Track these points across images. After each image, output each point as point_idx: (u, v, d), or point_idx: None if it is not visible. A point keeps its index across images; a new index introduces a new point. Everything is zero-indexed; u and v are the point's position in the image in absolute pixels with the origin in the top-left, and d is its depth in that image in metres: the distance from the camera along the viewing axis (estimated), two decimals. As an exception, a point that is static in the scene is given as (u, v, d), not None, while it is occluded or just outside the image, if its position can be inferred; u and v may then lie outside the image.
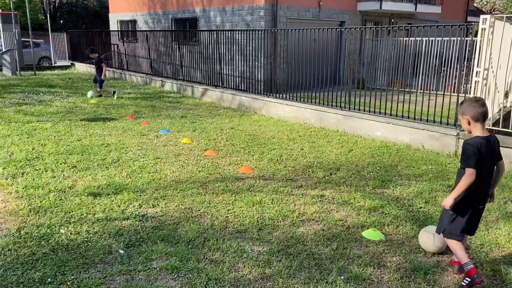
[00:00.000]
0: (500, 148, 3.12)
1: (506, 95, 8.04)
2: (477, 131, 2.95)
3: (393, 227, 3.99)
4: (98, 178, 5.27)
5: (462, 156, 2.94)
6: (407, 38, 12.37)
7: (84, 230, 3.85)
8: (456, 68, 11.95)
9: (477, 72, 5.98)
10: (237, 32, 11.16)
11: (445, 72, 11.81)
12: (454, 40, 12.20)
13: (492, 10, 36.86)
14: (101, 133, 7.67)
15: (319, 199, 4.69)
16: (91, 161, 5.97)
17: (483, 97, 6.10)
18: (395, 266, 3.32)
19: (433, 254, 3.48)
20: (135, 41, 17.10)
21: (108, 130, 7.95)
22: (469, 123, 2.97)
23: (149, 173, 5.48)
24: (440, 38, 10.85)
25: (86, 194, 4.69)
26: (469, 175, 2.86)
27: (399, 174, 5.58)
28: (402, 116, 7.25)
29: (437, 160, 6.18)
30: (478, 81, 5.99)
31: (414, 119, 7.07)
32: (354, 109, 8.09)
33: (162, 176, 5.39)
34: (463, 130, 6.34)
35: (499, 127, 6.46)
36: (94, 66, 12.62)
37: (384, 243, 3.67)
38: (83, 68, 20.14)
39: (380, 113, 7.61)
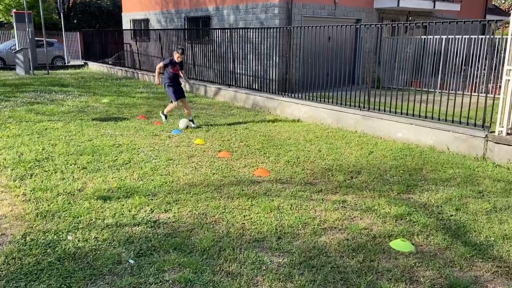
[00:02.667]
0: None
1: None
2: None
3: (423, 237, 3.68)
4: (108, 180, 5.06)
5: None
6: (425, 36, 11.98)
7: (93, 237, 3.63)
8: (478, 67, 11.52)
9: (508, 70, 5.62)
10: (250, 30, 10.91)
11: (466, 71, 11.38)
12: (474, 38, 11.77)
13: (510, 8, 35.99)
14: (113, 133, 7.49)
15: (341, 205, 4.41)
16: (101, 162, 5.78)
17: (511, 95, 5.74)
18: (429, 282, 3.02)
19: (469, 270, 3.17)
20: (148, 40, 16.96)
21: (120, 130, 7.76)
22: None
23: (161, 176, 5.25)
24: (460, 36, 10.44)
25: (95, 197, 4.48)
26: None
27: (425, 178, 5.26)
28: (425, 117, 6.90)
29: (464, 164, 5.83)
30: (510, 80, 5.63)
31: (438, 119, 6.72)
32: (374, 109, 7.77)
33: (175, 178, 5.16)
34: (492, 132, 5.99)
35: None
36: (171, 71, 8.12)
37: (414, 255, 3.37)
38: (96, 68, 20.12)
39: (401, 113, 7.27)
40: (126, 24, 20.83)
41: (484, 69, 11.72)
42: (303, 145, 6.88)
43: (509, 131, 5.81)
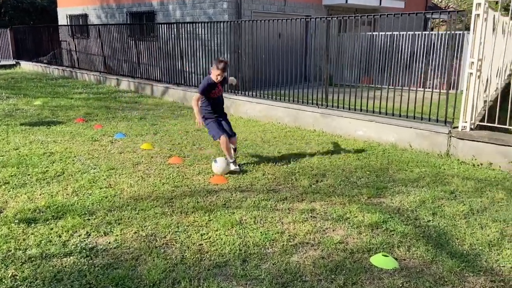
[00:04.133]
0: (497, 145, 2.99)
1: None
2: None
3: (404, 249, 3.29)
4: (35, 198, 4.25)
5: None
6: (373, 33, 11.94)
7: (9, 275, 2.87)
8: (424, 63, 11.62)
9: (471, 63, 5.44)
10: (198, 25, 10.24)
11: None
12: (418, 34, 11.88)
13: (446, 7, 37.81)
14: (44, 139, 6.55)
15: (310, 214, 3.93)
16: (28, 175, 4.92)
17: (476, 91, 5.58)
18: (422, 306, 2.61)
19: (462, 286, 2.79)
20: (87, 37, 15.71)
21: (53, 136, 6.84)
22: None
23: (100, 189, 4.51)
24: (404, 32, 10.47)
25: (17, 220, 3.69)
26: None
27: (393, 179, 4.93)
28: (386, 113, 6.64)
29: (429, 162, 5.60)
30: (472, 73, 5.45)
31: (400, 116, 6.48)
32: (332, 107, 7.42)
33: (117, 192, 4.44)
34: (455, 127, 5.80)
35: (484, 122, 5.97)
36: (212, 96, 5.20)
37: (399, 273, 2.95)
38: (29, 67, 18.43)
39: (361, 110, 6.97)
40: (62, 20, 19.28)
41: (432, 65, 11.88)
42: (261, 147, 6.37)
43: (472, 126, 5.64)
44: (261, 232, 3.53)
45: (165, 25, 11.25)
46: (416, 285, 2.80)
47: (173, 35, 10.87)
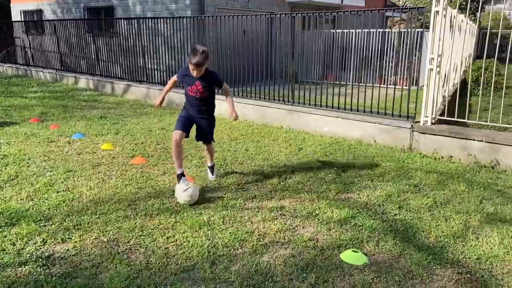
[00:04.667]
0: (457, 139, 4.19)
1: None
2: None
3: (373, 244, 3.29)
4: (-14, 204, 3.96)
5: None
6: (336, 30, 12.08)
7: (-44, 290, 2.64)
8: (385, 60, 11.88)
9: (431, 58, 5.56)
10: (160, 20, 9.97)
11: (377, 64, 11.67)
12: (379, 32, 12.13)
13: (404, 6, 38.99)
14: (-4, 141, 6.15)
15: (279, 212, 3.87)
16: (-22, 180, 4.58)
17: (436, 86, 5.72)
18: (393, 301, 2.60)
19: (430, 281, 2.81)
20: (42, 33, 14.97)
21: (6, 137, 6.43)
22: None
23: (57, 193, 4.26)
24: (365, 30, 10.66)
25: (-35, 229, 3.40)
26: None
27: (359, 174, 4.97)
28: (351, 109, 6.70)
29: (393, 156, 5.69)
30: (432, 69, 5.58)
31: (364, 112, 6.55)
32: (299, 103, 7.41)
33: (76, 195, 4.21)
34: (417, 122, 5.93)
35: (444, 117, 6.15)
36: (189, 93, 4.43)
37: (369, 268, 2.94)
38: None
39: (327, 106, 7.00)
40: (16, 16, 18.32)
41: (392, 62, 12.16)
42: (228, 145, 6.26)
43: (433, 121, 5.78)
44: (230, 233, 3.44)
45: (125, 20, 10.88)
46: (386, 280, 2.80)
47: (133, 31, 10.53)
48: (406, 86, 7.11)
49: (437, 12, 5.42)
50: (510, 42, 7.78)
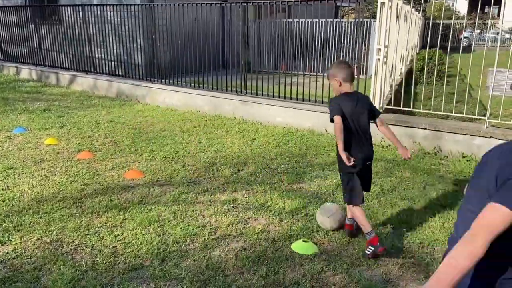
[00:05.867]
0: (403, 127, 4.46)
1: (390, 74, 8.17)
2: (346, 89, 3.04)
3: (322, 233, 3.36)
4: None
5: (331, 111, 3.01)
6: (288, 19, 12.15)
7: None
8: (336, 49, 12.12)
9: (378, 49, 5.71)
10: (108, 7, 9.54)
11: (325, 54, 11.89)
12: (329, 22, 12.34)
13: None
14: None
15: (232, 205, 3.86)
16: None
17: (383, 75, 5.89)
18: (341, 289, 2.67)
19: (376, 267, 2.91)
20: (-22, 19, 13.90)
21: None
22: (340, 84, 3.03)
23: (-3, 192, 4.00)
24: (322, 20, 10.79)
25: None
26: (336, 123, 2.94)
27: (311, 164, 5.05)
28: (303, 100, 6.77)
29: (344, 145, 5.82)
30: (379, 59, 5.74)
31: (315, 102, 6.64)
32: (251, 94, 7.39)
33: (17, 194, 3.97)
34: (366, 112, 6.09)
35: (391, 106, 6.36)
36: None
37: (319, 257, 3.01)
38: None
39: (279, 97, 7.03)
40: None
41: (343, 51, 12.42)
42: (180, 137, 6.14)
43: (381, 110, 5.96)
44: (181, 228, 3.38)
45: (70, 7, 10.32)
46: (335, 268, 2.87)
47: (79, 19, 10.02)
48: (355, 76, 7.29)
49: (383, 3, 5.56)
50: (451, 32, 8.18)
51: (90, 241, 3.15)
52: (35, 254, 2.96)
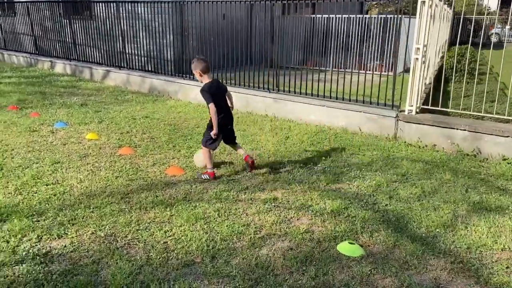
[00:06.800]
0: (440, 128, 5.29)
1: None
2: (206, 79, 4.31)
3: (367, 235, 3.39)
4: (-28, 199, 3.84)
5: (205, 98, 4.25)
6: (316, 15, 12.08)
7: (-47, 291, 2.58)
8: (364, 46, 11.98)
9: (416, 48, 5.65)
10: (139, 4, 9.70)
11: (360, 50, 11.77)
12: (359, 18, 12.20)
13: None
14: (-26, 131, 5.94)
15: (273, 204, 3.92)
16: (-40, 173, 4.43)
17: (420, 74, 5.82)
18: (391, 291, 2.70)
19: (425, 271, 2.93)
20: (13, 15, 14.33)
21: (-16, 126, 6.21)
22: (200, 75, 4.31)
23: (47, 186, 4.18)
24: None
25: (-46, 227, 3.30)
26: (212, 111, 4.23)
27: (348, 163, 5.06)
28: (337, 98, 6.77)
29: (379, 145, 5.81)
30: (418, 59, 5.68)
31: (349, 100, 6.63)
32: (284, 92, 7.42)
33: (67, 188, 4.13)
34: (401, 111, 6.06)
35: (428, 106, 6.28)
36: None
37: (366, 260, 3.04)
38: None
39: (312, 95, 7.05)
40: (-18, -5, 17.40)
41: (371, 48, 12.27)
42: (215, 134, 6.22)
43: (417, 110, 5.91)
44: (227, 226, 3.47)
45: (102, 3, 10.52)
46: (383, 271, 2.90)
47: (111, 14, 10.22)
48: (385, 72, 7.24)
49: (424, 2, 5.49)
50: (483, 28, 7.99)
51: (142, 236, 3.27)
52: (91, 248, 3.10)
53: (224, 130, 4.51)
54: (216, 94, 4.31)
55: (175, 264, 2.93)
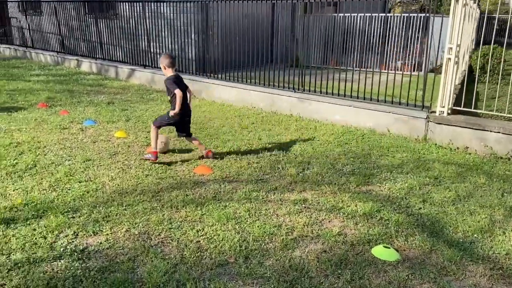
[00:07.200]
0: (473, 130, 5.27)
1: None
2: (170, 72, 4.81)
3: (402, 239, 3.32)
4: (9, 194, 3.94)
5: (171, 86, 4.69)
6: (338, 14, 11.95)
7: (-5, 285, 2.64)
8: (389, 45, 11.79)
9: (449, 48, 5.53)
10: (163, 4, 9.78)
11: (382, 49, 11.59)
12: (383, 16, 12.01)
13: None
14: (7, 127, 6.09)
15: (303, 205, 3.89)
16: (-4, 168, 4.55)
17: (452, 74, 5.68)
18: (430, 298, 2.65)
19: (464, 277, 2.85)
20: (40, 14, 14.65)
21: (16, 123, 6.36)
22: (165, 68, 4.81)
23: (80, 183, 4.25)
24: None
25: (-7, 221, 3.39)
26: (179, 95, 4.63)
27: (377, 165, 4.99)
28: (364, 98, 6.68)
29: (408, 146, 5.71)
30: (450, 58, 5.55)
31: (378, 101, 6.53)
32: (309, 91, 7.37)
33: (99, 185, 4.19)
34: (432, 112, 5.93)
35: (460, 107, 6.13)
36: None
37: (403, 264, 2.98)
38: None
39: (339, 95, 6.97)
40: (11, -5, 17.85)
41: (398, 47, 12.07)
42: (240, 134, 6.24)
43: (449, 111, 5.78)
44: (258, 226, 3.45)
45: (126, 2, 10.65)
46: (421, 276, 2.84)
47: (135, 14, 10.34)
48: (411, 72, 7.11)
49: (457, 0, 5.36)
50: (507, 28, 7.76)
51: (175, 235, 3.29)
52: (126, 245, 3.13)
53: (182, 120, 4.90)
54: (179, 85, 4.76)
55: (209, 264, 2.93)
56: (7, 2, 16.12)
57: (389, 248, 3.11)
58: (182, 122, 4.94)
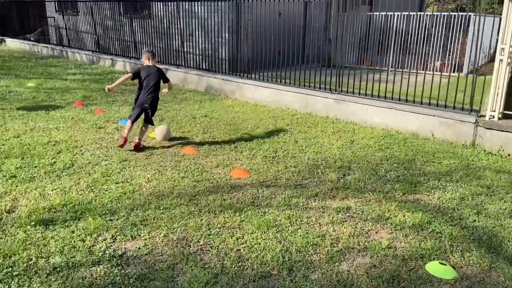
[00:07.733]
0: None
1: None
2: (147, 63, 5.33)
3: (458, 254, 3.07)
4: (47, 194, 3.92)
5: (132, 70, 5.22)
6: (374, 13, 11.57)
7: (35, 290, 2.57)
8: (428, 45, 11.32)
9: (501, 49, 5.18)
10: (196, 3, 9.73)
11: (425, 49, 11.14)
12: (421, 15, 11.53)
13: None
14: (45, 126, 6.15)
15: (347, 214, 3.69)
16: (35, 167, 4.56)
17: (505, 77, 5.31)
18: (496, 323, 2.40)
19: (534, 298, 2.59)
20: (76, 13, 14.95)
21: (54, 122, 6.42)
22: (144, 60, 5.36)
23: (117, 184, 4.19)
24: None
25: (33, 222, 3.36)
26: (127, 75, 5.43)
27: (423, 172, 4.71)
28: (407, 100, 6.38)
29: (455, 152, 5.39)
30: (502, 60, 5.20)
31: (421, 103, 6.22)
32: (347, 92, 7.12)
33: (136, 187, 4.12)
34: (481, 116, 5.59)
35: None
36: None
37: (461, 283, 2.74)
38: (16, 45, 17.62)
39: (379, 96, 6.70)
40: (49, -5, 18.34)
41: (438, 47, 11.58)
42: (275, 135, 6.07)
43: (500, 115, 5.43)
44: (300, 236, 3.28)
45: (160, 2, 10.67)
46: (483, 298, 2.60)
47: (168, 13, 10.34)
48: (446, 73, 6.73)
49: (512, -1, 5.01)
50: None
51: (214, 242, 3.16)
52: (165, 251, 3.02)
53: (142, 108, 5.28)
54: (147, 75, 5.24)
55: (251, 275, 2.78)
56: (45, 2, 16.55)
57: (445, 264, 2.87)
58: (142, 110, 5.31)
